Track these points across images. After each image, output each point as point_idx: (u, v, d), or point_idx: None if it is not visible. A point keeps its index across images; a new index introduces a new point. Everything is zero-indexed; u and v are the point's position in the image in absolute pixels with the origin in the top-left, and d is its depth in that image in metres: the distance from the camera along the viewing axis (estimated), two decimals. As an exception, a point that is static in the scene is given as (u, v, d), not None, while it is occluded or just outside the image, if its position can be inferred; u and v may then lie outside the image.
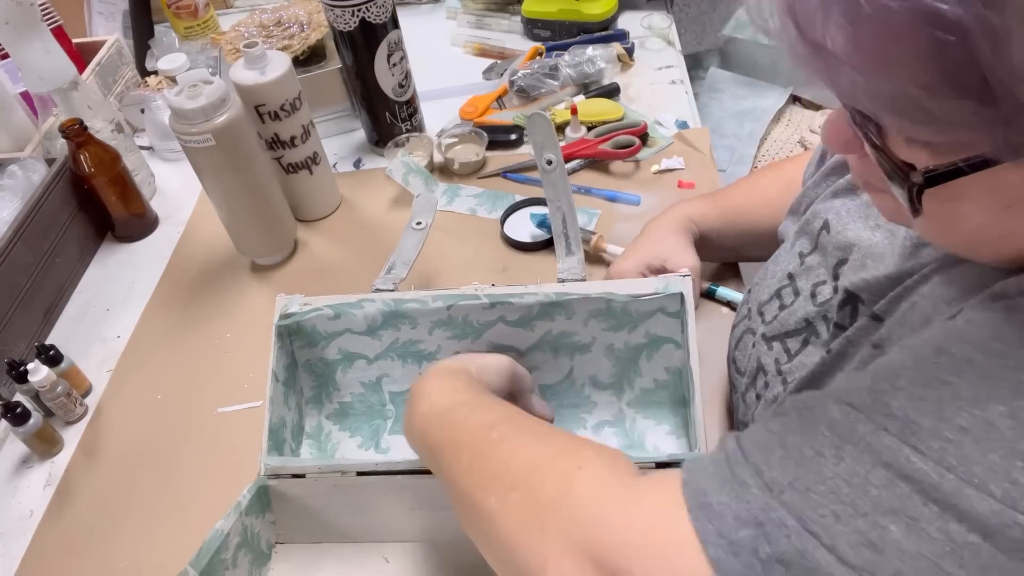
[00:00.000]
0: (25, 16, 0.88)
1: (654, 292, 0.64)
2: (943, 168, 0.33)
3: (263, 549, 0.66)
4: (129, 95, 1.16)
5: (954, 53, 0.28)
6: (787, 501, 0.34)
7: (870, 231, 0.54)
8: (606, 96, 1.08)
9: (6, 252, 0.85)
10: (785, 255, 0.63)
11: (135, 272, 0.99)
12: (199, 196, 1.07)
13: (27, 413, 0.75)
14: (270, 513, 0.67)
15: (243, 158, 0.84)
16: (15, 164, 0.97)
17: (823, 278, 0.57)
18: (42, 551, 0.72)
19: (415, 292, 0.68)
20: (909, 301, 0.46)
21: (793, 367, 0.56)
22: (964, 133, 0.31)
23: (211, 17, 1.28)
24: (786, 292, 0.60)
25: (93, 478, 0.77)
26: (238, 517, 0.62)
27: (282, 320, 0.68)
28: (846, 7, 0.30)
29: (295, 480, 0.64)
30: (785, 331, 0.59)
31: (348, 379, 0.73)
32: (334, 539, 0.68)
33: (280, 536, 0.68)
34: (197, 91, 0.80)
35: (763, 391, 0.59)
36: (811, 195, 0.64)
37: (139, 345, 0.89)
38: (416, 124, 1.06)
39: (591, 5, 1.19)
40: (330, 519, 0.66)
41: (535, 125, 0.65)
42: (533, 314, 0.67)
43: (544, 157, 0.65)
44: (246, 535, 0.63)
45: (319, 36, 1.04)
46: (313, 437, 0.74)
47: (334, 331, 0.70)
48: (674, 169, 0.97)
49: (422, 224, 0.75)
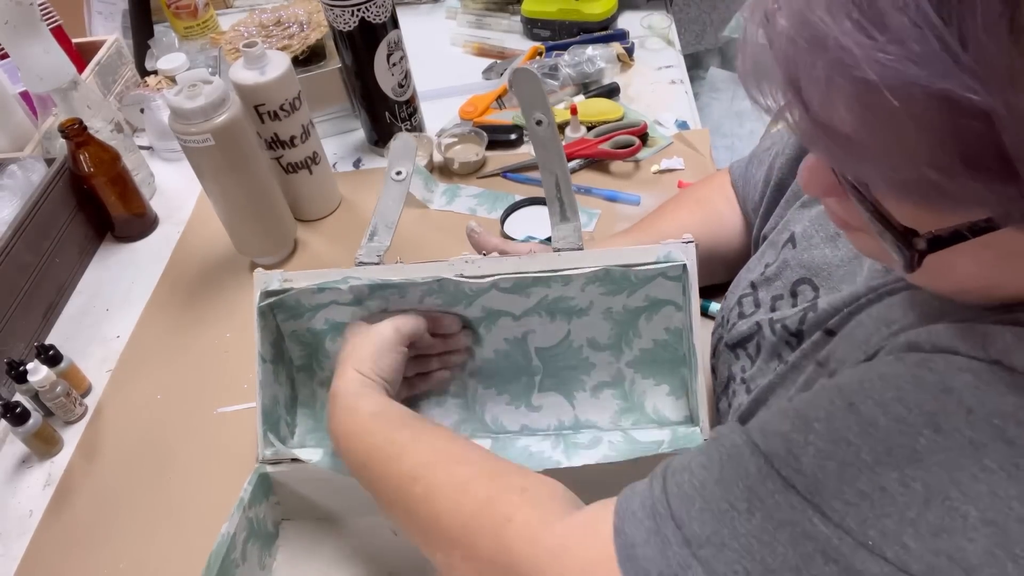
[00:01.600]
0: (25, 16, 0.88)
1: (655, 262, 0.61)
2: (946, 233, 0.32)
3: (270, 529, 0.67)
4: (129, 95, 1.16)
5: (977, 136, 0.27)
6: (703, 557, 0.36)
7: (833, 249, 0.53)
8: (606, 96, 1.08)
9: (6, 252, 0.85)
10: (755, 263, 0.63)
11: (135, 272, 0.99)
12: (199, 196, 1.07)
13: (27, 413, 0.75)
14: (273, 496, 0.67)
15: (243, 158, 0.84)
16: (15, 164, 0.96)
17: (780, 292, 0.57)
18: (42, 551, 0.72)
19: (401, 267, 0.64)
20: (857, 319, 0.46)
21: (754, 374, 0.56)
22: (975, 208, 0.30)
23: (211, 17, 1.28)
24: (747, 301, 0.60)
25: (93, 478, 0.77)
26: (241, 513, 0.62)
27: (263, 300, 0.66)
28: (859, 91, 0.28)
29: (295, 464, 0.65)
30: (741, 338, 0.59)
31: (337, 347, 0.70)
32: (340, 514, 0.68)
33: (286, 513, 0.69)
34: (197, 91, 0.80)
35: (731, 399, 0.59)
36: (755, 196, 0.65)
37: (139, 345, 0.89)
38: (416, 124, 1.06)
39: (591, 5, 1.19)
40: (335, 497, 0.67)
41: (521, 82, 0.59)
42: (528, 281, 0.64)
43: (533, 117, 0.60)
44: (252, 526, 0.64)
45: (319, 36, 1.04)
46: (307, 406, 0.73)
47: (319, 303, 0.68)
48: (674, 169, 0.97)
49: (402, 174, 0.69)
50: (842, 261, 0.52)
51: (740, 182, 0.74)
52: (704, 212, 0.76)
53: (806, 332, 0.52)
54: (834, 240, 0.54)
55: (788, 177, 0.63)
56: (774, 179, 0.65)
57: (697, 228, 0.74)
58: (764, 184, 0.67)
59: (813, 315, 0.51)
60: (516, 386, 0.71)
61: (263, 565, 0.66)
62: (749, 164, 0.73)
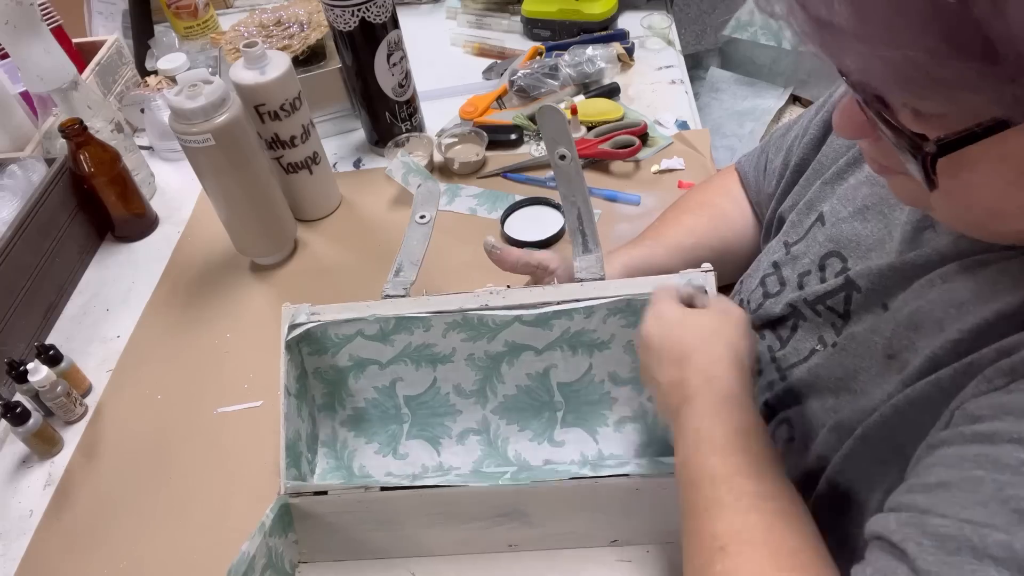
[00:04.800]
0: (25, 16, 0.88)
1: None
2: (954, 136, 0.34)
3: (287, 569, 0.64)
4: (129, 95, 1.16)
5: (956, 16, 0.29)
6: None
7: (862, 222, 0.54)
8: (606, 96, 1.08)
9: (6, 252, 0.85)
10: (775, 244, 0.63)
11: (135, 272, 0.99)
12: (199, 196, 1.07)
13: (27, 413, 0.75)
14: (292, 532, 0.65)
15: (243, 158, 0.84)
16: (15, 164, 0.97)
17: (808, 268, 0.57)
18: (42, 551, 0.72)
19: (427, 299, 0.66)
20: (914, 305, 0.46)
21: (787, 353, 0.57)
22: (971, 97, 0.32)
23: (211, 17, 1.28)
24: (770, 280, 0.60)
25: (93, 478, 0.77)
26: (263, 538, 0.59)
27: (291, 333, 0.66)
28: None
29: (317, 497, 0.63)
30: (771, 319, 0.59)
31: (361, 385, 0.71)
32: (359, 555, 0.66)
33: (303, 555, 0.67)
34: (197, 91, 0.80)
35: (756, 379, 0.59)
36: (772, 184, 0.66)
37: (139, 345, 0.89)
38: (416, 124, 1.06)
39: (591, 5, 1.19)
40: (354, 535, 0.65)
41: (546, 118, 0.60)
42: (551, 313, 0.65)
43: (557, 152, 0.61)
44: (271, 556, 0.61)
45: (319, 36, 1.04)
46: (328, 445, 0.72)
47: (345, 336, 0.68)
48: (674, 169, 0.97)
49: (426, 218, 0.71)
50: (871, 233, 0.53)
51: (752, 173, 0.75)
52: (709, 215, 0.76)
53: (853, 312, 0.52)
54: (863, 213, 0.54)
55: (810, 155, 0.64)
56: (794, 160, 0.65)
57: (705, 231, 0.74)
58: (783, 167, 0.68)
59: (859, 295, 0.51)
60: (538, 422, 0.70)
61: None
62: (761, 155, 0.74)
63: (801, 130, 0.66)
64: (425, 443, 0.71)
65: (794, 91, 1.68)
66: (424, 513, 0.63)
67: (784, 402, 0.56)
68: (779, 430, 0.56)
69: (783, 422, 0.56)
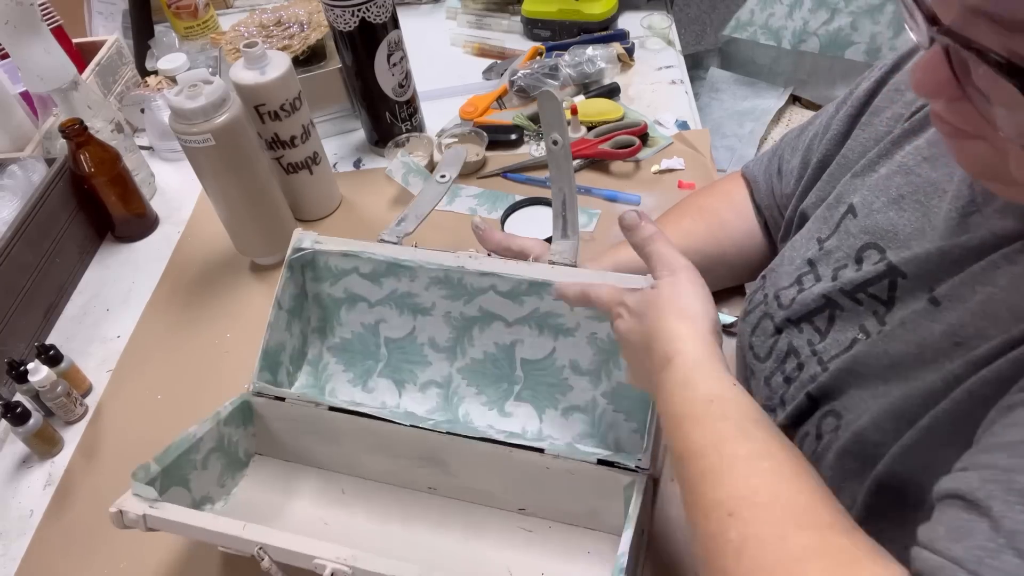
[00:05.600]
0: (25, 16, 0.88)
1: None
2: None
3: (240, 456, 0.72)
4: (129, 95, 1.16)
5: None
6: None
7: (898, 212, 0.53)
8: (606, 96, 1.08)
9: (6, 252, 0.85)
10: (802, 241, 0.62)
11: (135, 272, 0.99)
12: (199, 196, 1.07)
13: (27, 413, 0.75)
14: (252, 426, 0.72)
15: (243, 158, 0.84)
16: (15, 164, 0.97)
17: (844, 262, 0.56)
18: (42, 551, 0.72)
19: (414, 250, 0.70)
20: (983, 292, 0.45)
21: (827, 345, 0.56)
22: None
23: (211, 17, 1.28)
24: (807, 279, 0.59)
25: (93, 478, 0.77)
26: (215, 425, 0.67)
27: (293, 254, 0.72)
28: None
29: (276, 402, 0.70)
30: (807, 311, 0.58)
31: (350, 318, 0.76)
32: (304, 461, 0.73)
33: (259, 448, 0.73)
34: (197, 91, 0.80)
35: (795, 373, 0.58)
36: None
37: (139, 345, 0.89)
38: (416, 124, 1.06)
39: (591, 5, 1.19)
40: (302, 443, 0.71)
41: (544, 103, 0.63)
42: (522, 289, 0.69)
43: (551, 136, 0.64)
44: (222, 442, 0.69)
45: (319, 36, 1.04)
46: (312, 365, 0.77)
47: (342, 270, 0.74)
48: (674, 169, 0.97)
49: (446, 178, 0.76)
50: (909, 222, 0.52)
51: (763, 177, 0.74)
52: (707, 220, 0.76)
53: (898, 299, 0.51)
54: (898, 203, 0.53)
55: (833, 151, 0.63)
56: (816, 157, 0.65)
57: (701, 235, 0.74)
58: (803, 166, 0.67)
59: (904, 281, 0.50)
60: (495, 390, 0.73)
61: (222, 484, 0.70)
62: (773, 158, 0.73)
63: (822, 127, 0.66)
64: (392, 384, 0.76)
65: (794, 91, 1.68)
66: (360, 440, 0.68)
67: (828, 394, 0.55)
68: (825, 421, 0.55)
69: (828, 413, 0.55)
